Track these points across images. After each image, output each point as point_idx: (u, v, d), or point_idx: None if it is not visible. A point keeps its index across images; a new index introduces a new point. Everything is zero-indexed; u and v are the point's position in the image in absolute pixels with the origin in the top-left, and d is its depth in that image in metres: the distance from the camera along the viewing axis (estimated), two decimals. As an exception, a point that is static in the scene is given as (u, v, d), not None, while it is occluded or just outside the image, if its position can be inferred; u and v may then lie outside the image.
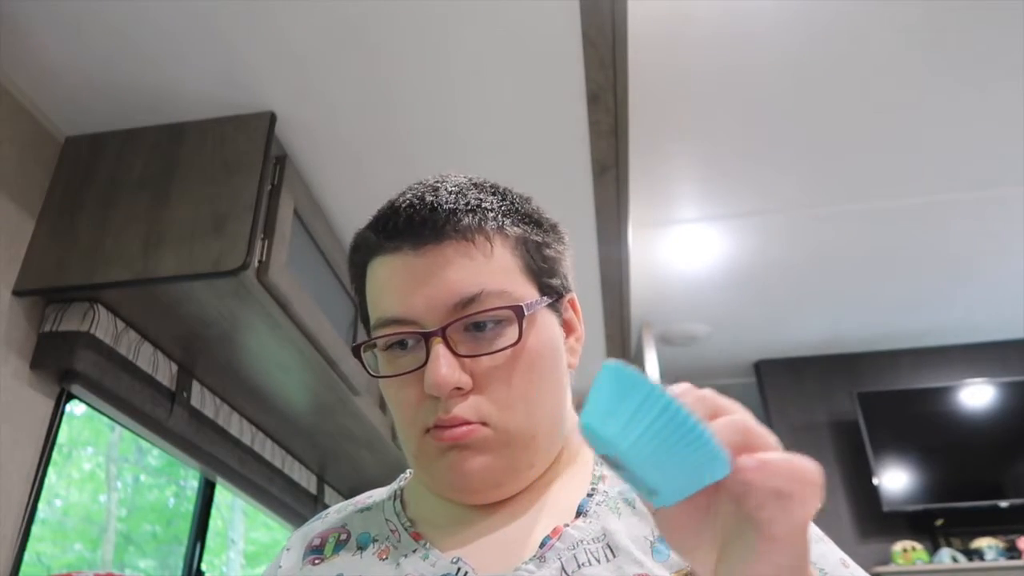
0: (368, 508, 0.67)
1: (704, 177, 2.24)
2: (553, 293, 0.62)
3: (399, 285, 0.57)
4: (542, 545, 0.55)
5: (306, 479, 2.27)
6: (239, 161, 1.37)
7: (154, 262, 1.28)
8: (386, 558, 0.59)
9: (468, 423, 0.56)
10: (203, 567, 1.90)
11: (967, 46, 1.80)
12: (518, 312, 0.57)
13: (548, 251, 0.62)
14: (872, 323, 3.23)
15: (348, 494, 2.48)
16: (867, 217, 2.47)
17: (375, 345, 0.60)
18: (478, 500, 0.59)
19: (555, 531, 0.56)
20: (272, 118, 1.43)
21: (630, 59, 1.44)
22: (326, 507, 0.71)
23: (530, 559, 0.54)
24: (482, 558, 0.56)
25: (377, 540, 0.62)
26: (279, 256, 1.36)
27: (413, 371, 0.57)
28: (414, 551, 0.58)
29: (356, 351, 0.61)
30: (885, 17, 1.71)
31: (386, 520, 0.64)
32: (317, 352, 1.56)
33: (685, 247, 2.61)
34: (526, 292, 0.59)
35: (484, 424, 0.56)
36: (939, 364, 3.40)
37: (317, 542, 0.64)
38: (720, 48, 1.77)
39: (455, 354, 0.55)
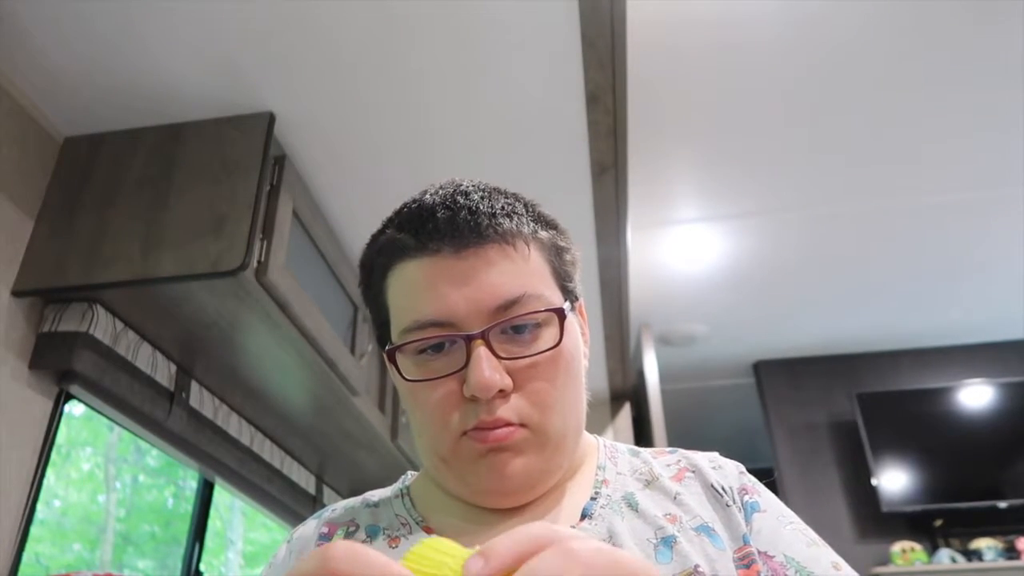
0: (375, 504, 0.67)
1: (703, 178, 2.24)
2: (573, 297, 0.63)
3: (438, 287, 0.56)
4: None
5: (305, 479, 2.27)
6: (238, 161, 1.37)
7: (153, 262, 1.28)
8: (396, 546, 0.59)
9: (510, 424, 0.56)
10: (202, 567, 1.89)
11: (966, 47, 1.80)
12: (560, 314, 0.57)
13: (568, 256, 0.63)
14: (871, 323, 3.22)
15: (347, 494, 2.48)
16: (867, 217, 2.47)
17: (400, 349, 0.58)
18: (511, 503, 0.59)
19: None
20: (271, 118, 1.43)
21: (629, 60, 1.44)
22: (324, 507, 0.71)
23: None
24: None
25: (387, 530, 0.62)
26: (278, 256, 1.35)
27: (450, 374, 0.56)
28: None
29: (391, 355, 0.58)
30: (885, 18, 1.71)
31: (396, 515, 0.64)
32: (316, 352, 1.56)
33: (684, 248, 2.61)
34: (555, 296, 0.60)
35: (523, 425, 0.56)
36: (938, 364, 3.39)
37: (325, 530, 0.65)
38: (719, 49, 1.77)
39: (496, 356, 0.55)
